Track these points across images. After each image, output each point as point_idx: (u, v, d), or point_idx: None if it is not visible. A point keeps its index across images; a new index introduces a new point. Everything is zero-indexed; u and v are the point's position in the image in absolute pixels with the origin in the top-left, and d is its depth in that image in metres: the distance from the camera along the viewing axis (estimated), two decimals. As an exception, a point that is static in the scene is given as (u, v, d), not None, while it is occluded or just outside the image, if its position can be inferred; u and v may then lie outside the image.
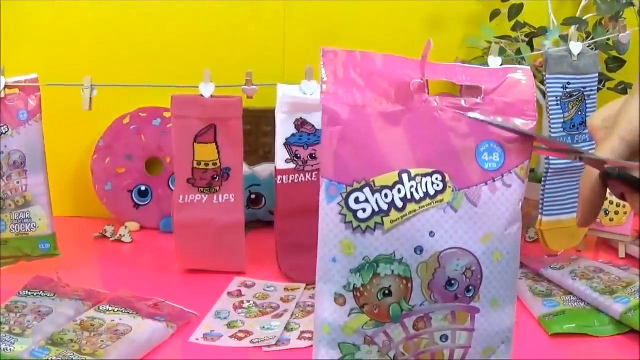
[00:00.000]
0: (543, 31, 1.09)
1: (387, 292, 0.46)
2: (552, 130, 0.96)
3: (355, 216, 0.45)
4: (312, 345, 0.77)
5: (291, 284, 0.94)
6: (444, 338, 0.48)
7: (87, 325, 0.77)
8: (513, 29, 1.12)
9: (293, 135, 0.95)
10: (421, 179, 0.46)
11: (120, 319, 0.79)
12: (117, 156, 1.14)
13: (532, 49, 1.09)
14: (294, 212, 0.97)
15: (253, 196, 1.14)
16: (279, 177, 0.96)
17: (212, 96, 0.93)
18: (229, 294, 0.91)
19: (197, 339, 0.79)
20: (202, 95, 0.92)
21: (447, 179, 0.46)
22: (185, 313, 0.84)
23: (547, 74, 0.97)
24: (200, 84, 0.92)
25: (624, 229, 1.03)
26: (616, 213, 1.03)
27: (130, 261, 1.04)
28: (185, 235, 0.95)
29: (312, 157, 0.96)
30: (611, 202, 1.04)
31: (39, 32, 1.14)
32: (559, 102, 0.97)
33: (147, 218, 1.16)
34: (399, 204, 0.46)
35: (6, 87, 0.93)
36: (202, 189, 0.94)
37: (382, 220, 0.45)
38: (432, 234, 0.46)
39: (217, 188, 0.95)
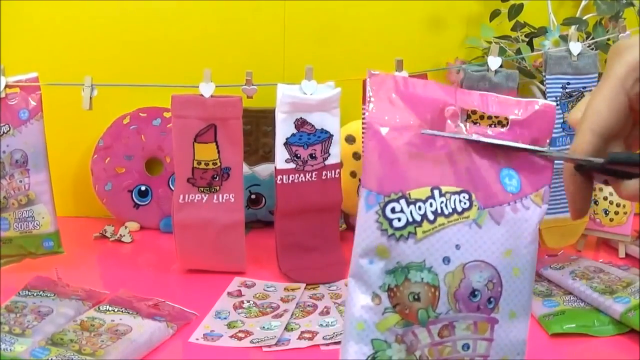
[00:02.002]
0: (543, 31, 1.09)
1: (416, 297, 0.49)
2: (552, 130, 0.96)
3: (390, 224, 0.49)
4: (311, 345, 0.77)
5: (291, 284, 0.94)
6: (466, 347, 0.51)
7: (87, 325, 0.77)
8: (513, 29, 1.12)
9: (293, 135, 0.95)
10: (450, 196, 0.50)
11: (120, 319, 0.79)
12: (117, 156, 1.14)
13: (532, 49, 1.09)
14: (294, 212, 0.97)
15: (253, 196, 1.15)
16: (279, 177, 0.96)
17: (212, 96, 0.93)
18: (229, 294, 0.91)
19: (197, 339, 0.79)
20: (202, 95, 0.93)
21: (473, 198, 0.50)
22: (185, 313, 0.84)
23: (547, 74, 0.97)
24: (200, 84, 0.92)
25: (624, 229, 1.03)
26: (616, 213, 1.03)
27: (130, 261, 1.04)
28: (185, 235, 0.95)
29: (312, 157, 0.96)
30: (611, 202, 1.04)
31: (39, 32, 1.14)
32: (558, 102, 0.97)
33: (147, 218, 1.16)
34: (431, 217, 0.50)
35: (7, 86, 0.93)
36: (202, 189, 0.94)
37: (415, 230, 0.49)
38: (458, 246, 0.50)
39: (217, 188, 0.95)
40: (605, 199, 1.04)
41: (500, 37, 1.12)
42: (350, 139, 1.10)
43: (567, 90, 0.97)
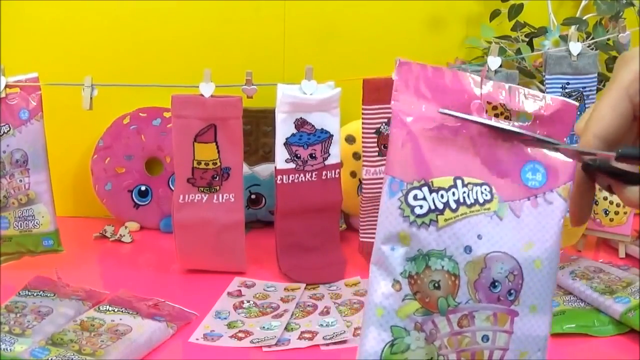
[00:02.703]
0: (543, 31, 1.09)
1: (436, 285, 0.50)
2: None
3: (412, 211, 0.50)
4: (311, 345, 0.77)
5: (291, 284, 0.94)
6: (485, 338, 0.51)
7: (87, 325, 0.77)
8: (513, 29, 1.12)
9: (293, 135, 0.95)
10: (472, 187, 0.51)
11: (120, 319, 0.79)
12: (117, 156, 1.14)
13: (532, 49, 1.09)
14: (294, 212, 0.97)
15: (253, 196, 1.15)
16: (279, 177, 0.96)
17: (212, 96, 0.93)
18: (229, 294, 0.91)
19: (197, 339, 0.79)
20: (202, 95, 0.93)
21: (494, 190, 0.51)
22: (185, 313, 0.84)
23: (547, 74, 0.97)
24: (200, 84, 0.92)
25: (624, 229, 1.03)
26: (616, 213, 1.03)
27: (130, 261, 1.04)
28: (185, 235, 0.95)
29: (312, 156, 0.96)
30: (611, 202, 1.04)
31: (39, 32, 1.14)
32: (558, 102, 0.97)
33: (147, 218, 1.16)
34: (453, 205, 0.50)
35: (7, 86, 0.93)
36: (202, 189, 0.94)
37: (437, 218, 0.50)
38: (479, 236, 0.50)
39: (217, 188, 0.95)
40: (605, 199, 1.04)
41: (500, 37, 1.12)
42: (350, 139, 1.10)
43: (566, 90, 0.97)
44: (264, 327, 0.82)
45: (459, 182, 0.50)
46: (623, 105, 0.51)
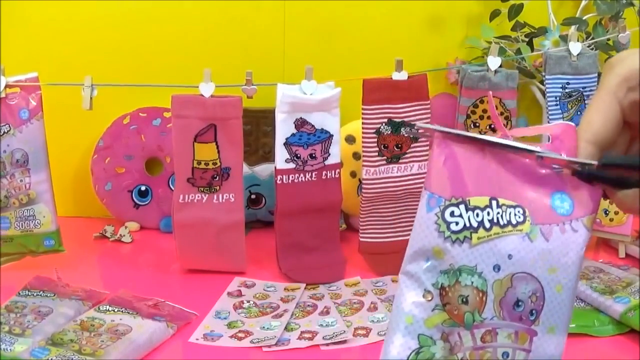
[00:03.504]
0: (543, 31, 1.09)
1: (464, 299, 0.51)
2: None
3: (448, 227, 0.51)
4: (311, 345, 0.77)
5: (291, 284, 0.94)
6: (505, 355, 0.53)
7: (87, 325, 0.77)
8: (513, 29, 1.12)
9: (293, 135, 0.95)
10: (506, 209, 0.52)
11: (120, 319, 0.79)
12: (117, 156, 1.14)
13: (532, 49, 1.09)
14: (293, 212, 0.97)
15: (253, 196, 1.15)
16: (278, 177, 0.96)
17: (212, 96, 0.93)
18: (229, 294, 0.91)
19: (197, 339, 0.79)
20: (202, 95, 0.93)
21: (527, 213, 0.53)
22: (185, 313, 0.84)
23: (547, 74, 0.97)
24: (200, 84, 0.93)
25: (624, 229, 1.03)
26: (616, 213, 1.03)
27: (130, 261, 1.04)
28: (185, 235, 0.95)
29: (312, 157, 0.96)
30: (611, 202, 1.03)
31: (39, 32, 1.14)
32: (558, 102, 0.97)
33: (147, 218, 1.16)
34: (487, 225, 0.52)
35: (7, 86, 0.93)
36: (202, 189, 0.94)
37: (471, 236, 0.51)
38: (510, 256, 0.52)
39: (217, 188, 0.95)
40: (605, 198, 1.04)
41: (500, 37, 1.12)
42: (350, 139, 1.10)
43: (566, 90, 0.97)
44: (264, 327, 0.82)
45: (494, 202, 0.52)
46: (612, 108, 0.52)
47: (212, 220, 0.95)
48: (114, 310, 0.81)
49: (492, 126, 0.97)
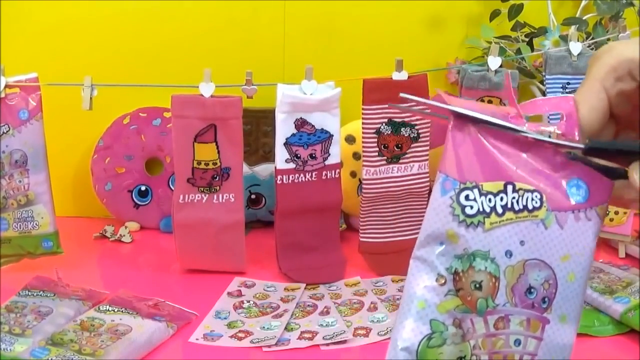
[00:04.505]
0: (543, 31, 1.09)
1: (478, 285, 0.51)
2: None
3: (463, 211, 0.51)
4: (311, 345, 0.77)
5: (291, 284, 0.94)
6: (517, 342, 0.52)
7: (87, 325, 0.77)
8: (513, 29, 1.12)
9: (293, 135, 0.95)
10: (523, 193, 0.52)
11: (120, 319, 0.79)
12: (117, 156, 1.14)
13: (532, 49, 1.09)
14: (294, 212, 0.97)
15: (253, 196, 1.14)
16: (278, 177, 0.96)
17: (212, 96, 0.93)
18: (229, 294, 0.91)
19: (197, 339, 0.79)
20: (202, 95, 0.93)
21: (544, 198, 0.52)
22: (185, 313, 0.84)
23: (547, 74, 0.97)
24: (200, 84, 0.92)
25: (624, 229, 1.03)
26: (616, 213, 1.03)
27: (130, 261, 1.04)
28: (185, 235, 0.95)
29: (312, 157, 0.96)
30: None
31: (39, 32, 1.14)
32: (558, 102, 0.97)
33: (147, 218, 1.16)
34: (499, 210, 0.52)
35: (7, 86, 0.93)
36: (202, 189, 0.94)
37: (484, 220, 0.51)
38: (522, 242, 0.52)
39: (217, 188, 0.95)
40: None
41: (500, 37, 1.12)
42: (350, 139, 1.10)
43: (567, 91, 0.97)
44: (264, 327, 0.82)
45: (509, 187, 0.52)
46: (598, 98, 0.52)
47: (212, 220, 0.95)
48: (114, 310, 0.81)
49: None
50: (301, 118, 0.95)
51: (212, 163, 0.94)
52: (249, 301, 0.89)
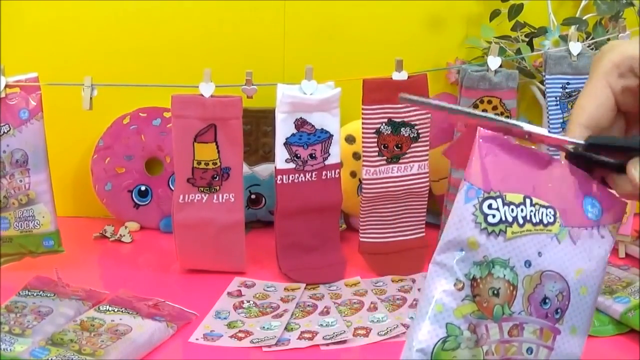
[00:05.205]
0: (543, 31, 1.09)
1: (495, 292, 0.52)
2: (552, 130, 0.96)
3: (485, 219, 0.52)
4: (311, 345, 0.77)
5: (291, 284, 0.94)
6: (530, 351, 0.53)
7: (87, 325, 0.77)
8: (513, 29, 1.12)
9: (293, 135, 0.95)
10: (539, 208, 0.53)
11: (120, 319, 0.79)
12: (117, 156, 1.14)
13: (532, 49, 1.09)
14: (294, 212, 0.97)
15: (253, 196, 1.14)
16: (278, 177, 0.96)
17: (212, 96, 0.93)
18: (229, 294, 0.91)
19: (197, 339, 0.79)
20: (202, 95, 0.93)
21: (558, 215, 0.54)
22: (185, 313, 0.84)
23: (547, 74, 0.97)
24: (200, 84, 0.92)
25: (624, 229, 1.03)
26: (616, 213, 1.03)
27: (130, 261, 1.04)
28: (185, 235, 0.95)
29: (312, 157, 0.96)
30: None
31: (39, 32, 1.14)
32: (558, 102, 0.97)
33: (147, 218, 1.16)
34: (521, 221, 0.53)
35: (7, 86, 0.93)
36: (202, 189, 0.94)
37: (506, 230, 0.52)
38: (540, 254, 0.53)
39: (217, 188, 0.95)
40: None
41: (500, 37, 1.12)
42: (350, 139, 1.10)
43: (567, 90, 0.97)
44: (264, 327, 0.82)
45: (527, 200, 0.53)
46: (603, 93, 0.53)
47: (212, 220, 0.95)
48: (114, 310, 0.81)
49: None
50: (301, 118, 0.95)
51: (212, 163, 0.94)
52: (249, 301, 0.89)
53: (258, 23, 1.16)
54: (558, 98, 0.97)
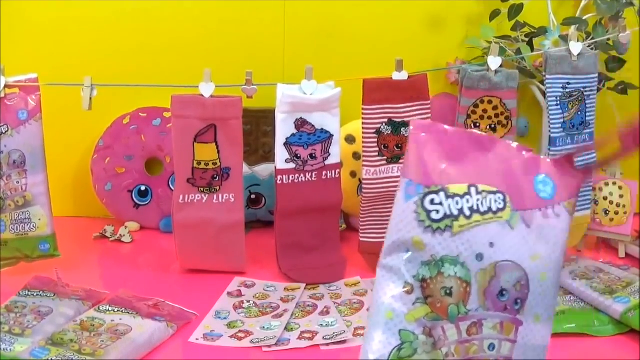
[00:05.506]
0: (543, 31, 1.09)
1: (448, 291, 0.50)
2: (552, 130, 0.96)
3: (428, 216, 0.50)
4: (311, 345, 0.77)
5: (291, 284, 0.94)
6: (492, 347, 0.51)
7: (87, 325, 0.77)
8: (513, 29, 1.12)
9: (293, 135, 0.95)
10: (486, 195, 0.51)
11: (120, 319, 0.79)
12: (117, 156, 1.14)
13: (532, 49, 1.09)
14: (293, 212, 0.97)
15: (253, 196, 1.14)
16: (279, 177, 0.96)
17: (212, 96, 0.93)
18: (229, 294, 0.91)
19: (197, 339, 0.79)
20: (202, 95, 0.92)
21: (508, 199, 0.51)
22: (185, 313, 0.84)
23: (547, 74, 0.97)
24: (200, 84, 0.92)
25: (624, 229, 1.03)
26: (616, 213, 1.03)
27: (130, 261, 1.04)
28: (185, 235, 0.95)
29: (312, 157, 0.96)
30: (611, 202, 1.04)
31: (39, 32, 1.14)
32: (558, 102, 0.97)
33: (147, 218, 1.16)
34: (467, 212, 0.50)
35: (6, 86, 0.93)
36: (202, 189, 0.94)
37: (452, 224, 0.50)
38: (491, 244, 0.51)
39: (217, 188, 0.95)
40: (605, 198, 1.04)
41: (500, 37, 1.12)
42: (350, 139, 1.10)
43: (567, 90, 0.97)
44: (264, 327, 0.82)
45: (473, 189, 0.51)
46: None
47: (212, 220, 0.95)
48: (114, 310, 0.81)
49: (493, 126, 0.97)
50: (301, 118, 0.95)
51: (212, 163, 0.94)
52: (249, 301, 0.89)
53: (258, 23, 1.16)
54: (558, 98, 0.97)
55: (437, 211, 0.50)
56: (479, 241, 0.50)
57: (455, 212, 0.50)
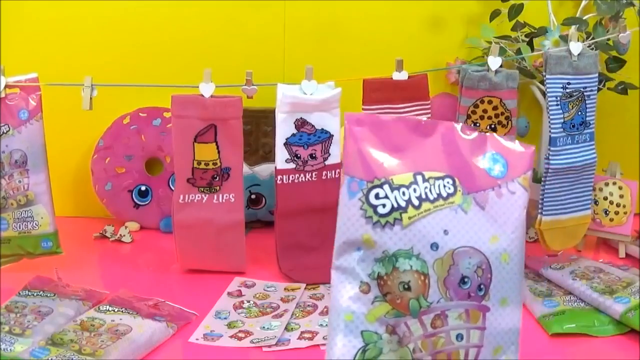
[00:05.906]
0: (543, 31, 1.09)
1: (406, 286, 0.48)
2: (552, 130, 0.96)
3: (375, 211, 0.48)
4: (311, 345, 0.77)
5: (291, 284, 0.94)
6: (460, 337, 0.50)
7: (87, 325, 0.77)
8: (513, 29, 1.12)
9: (293, 135, 0.95)
10: (434, 182, 0.49)
11: (120, 319, 0.79)
12: (117, 156, 1.14)
13: (532, 49, 1.08)
14: (294, 212, 0.97)
15: (253, 196, 1.14)
16: (279, 177, 0.96)
17: (212, 96, 0.93)
18: (229, 294, 0.91)
19: (197, 339, 0.79)
20: (202, 95, 0.93)
21: (457, 182, 0.49)
22: (185, 313, 0.84)
23: (547, 74, 0.97)
24: (200, 84, 0.92)
25: (624, 229, 1.03)
26: (616, 213, 1.03)
27: (130, 261, 1.04)
28: (185, 235, 0.95)
29: (312, 157, 0.96)
30: (611, 202, 1.04)
31: (39, 32, 1.14)
32: (558, 102, 0.97)
33: (147, 218, 1.16)
34: (415, 202, 0.48)
35: (7, 86, 0.93)
36: (202, 189, 0.94)
37: (401, 217, 0.48)
38: (446, 232, 0.49)
39: (217, 188, 0.95)
40: (605, 199, 1.04)
41: (500, 37, 1.12)
42: (350, 139, 1.10)
43: (567, 90, 0.97)
44: (264, 327, 0.82)
45: (419, 177, 0.49)
46: None
47: (212, 221, 0.95)
48: (114, 310, 0.81)
49: (493, 126, 0.97)
50: (301, 118, 0.95)
51: (212, 163, 0.94)
52: (249, 301, 0.89)
53: (258, 23, 1.16)
54: (559, 98, 0.97)
55: (384, 205, 0.48)
56: (432, 230, 0.49)
57: (403, 204, 0.48)
